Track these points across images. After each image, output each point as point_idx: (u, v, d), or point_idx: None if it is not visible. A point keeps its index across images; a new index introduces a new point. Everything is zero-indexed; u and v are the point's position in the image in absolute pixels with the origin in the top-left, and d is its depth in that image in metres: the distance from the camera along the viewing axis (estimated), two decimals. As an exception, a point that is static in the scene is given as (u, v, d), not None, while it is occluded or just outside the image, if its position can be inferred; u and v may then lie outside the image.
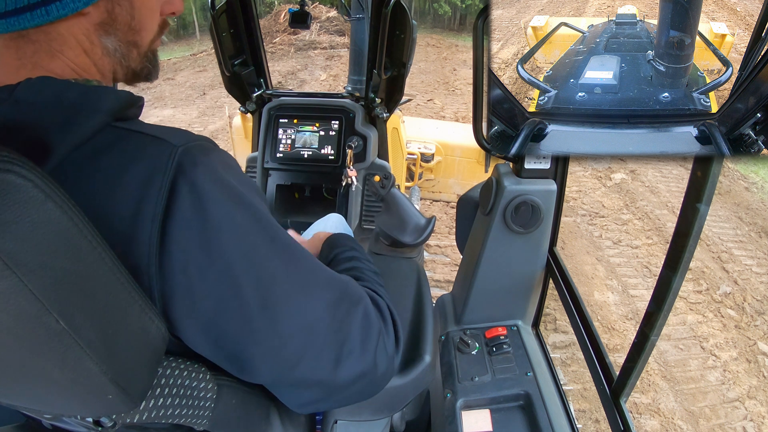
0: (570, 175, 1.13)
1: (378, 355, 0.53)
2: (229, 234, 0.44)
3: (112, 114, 0.44)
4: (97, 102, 0.44)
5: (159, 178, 0.41)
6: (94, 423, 0.47)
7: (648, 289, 2.83)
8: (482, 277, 1.13)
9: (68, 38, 0.47)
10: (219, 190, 0.44)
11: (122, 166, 0.41)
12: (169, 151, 0.42)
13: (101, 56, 0.50)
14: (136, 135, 0.44)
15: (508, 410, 0.97)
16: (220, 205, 0.43)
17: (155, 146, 0.43)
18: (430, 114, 6.06)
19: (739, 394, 2.18)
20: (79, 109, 0.43)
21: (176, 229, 0.42)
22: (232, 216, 0.44)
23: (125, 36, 0.51)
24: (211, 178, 0.43)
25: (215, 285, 0.44)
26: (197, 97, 7.10)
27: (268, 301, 0.46)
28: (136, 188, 0.41)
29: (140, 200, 0.41)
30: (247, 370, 0.50)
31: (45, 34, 0.46)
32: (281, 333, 0.47)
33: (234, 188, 0.45)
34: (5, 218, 0.31)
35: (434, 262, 2.96)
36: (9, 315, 0.32)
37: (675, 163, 4.10)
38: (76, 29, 0.47)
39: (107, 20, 0.49)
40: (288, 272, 0.48)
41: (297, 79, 8.11)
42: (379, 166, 1.93)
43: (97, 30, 0.49)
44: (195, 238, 0.42)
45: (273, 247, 0.47)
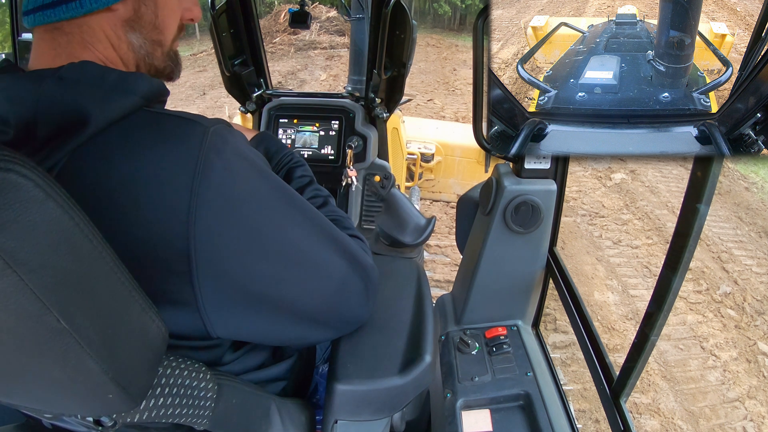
0: (570, 175, 1.13)
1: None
2: (257, 203, 0.50)
3: (145, 98, 0.48)
4: (134, 85, 0.48)
5: (195, 153, 0.45)
6: (95, 422, 0.47)
7: (648, 289, 2.83)
8: (482, 277, 1.13)
9: (98, 31, 0.51)
10: (246, 164, 0.50)
11: (160, 141, 0.46)
12: (202, 130, 0.47)
13: (126, 51, 0.54)
14: (169, 116, 0.48)
15: (508, 410, 0.97)
16: (248, 178, 0.49)
17: (189, 126, 0.47)
18: (430, 114, 6.06)
19: (739, 394, 2.18)
20: (117, 89, 0.47)
21: (211, 199, 0.46)
22: (258, 186, 0.50)
23: (150, 34, 0.55)
24: (239, 155, 0.49)
25: (246, 244, 0.49)
26: (197, 97, 7.09)
27: (292, 256, 0.53)
28: (173, 161, 0.45)
29: (177, 173, 0.45)
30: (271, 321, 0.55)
31: (78, 27, 0.50)
32: (305, 279, 0.54)
33: (256, 162, 0.51)
34: (6, 217, 0.31)
35: (434, 262, 2.96)
36: (10, 314, 0.32)
37: (675, 163, 4.10)
38: (105, 23, 0.52)
39: (133, 17, 0.53)
40: (306, 230, 0.55)
41: (297, 79, 8.11)
42: (379, 166, 1.93)
43: (123, 26, 0.53)
44: (228, 207, 0.47)
45: (292, 210, 0.54)
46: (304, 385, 0.80)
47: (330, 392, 0.69)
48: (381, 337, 0.78)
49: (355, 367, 0.71)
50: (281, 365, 0.72)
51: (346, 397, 0.69)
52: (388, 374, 0.71)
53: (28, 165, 0.32)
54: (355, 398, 0.70)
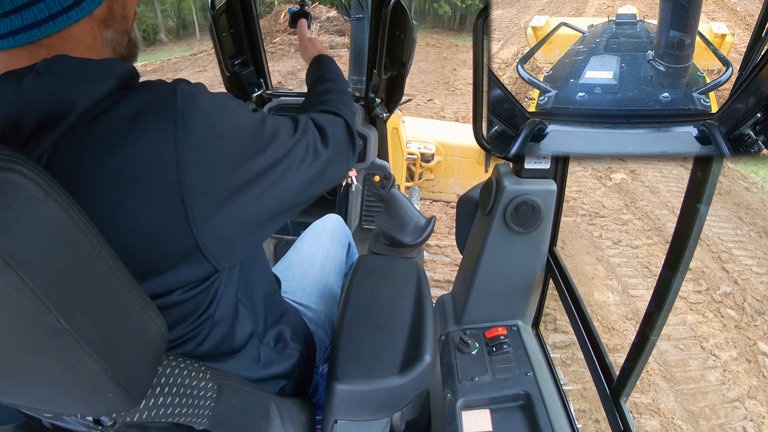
0: (570, 175, 1.13)
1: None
2: (237, 136, 0.52)
3: (121, 81, 0.49)
4: (109, 69, 0.49)
5: (171, 109, 0.47)
6: (95, 422, 0.47)
7: (648, 289, 2.83)
8: (482, 277, 1.13)
9: (77, 38, 0.52)
10: (219, 107, 0.52)
11: (138, 109, 0.47)
12: (173, 87, 0.49)
13: (101, 48, 0.55)
14: (140, 88, 0.50)
15: (508, 410, 0.97)
16: (222, 118, 0.51)
17: (159, 88, 0.49)
18: (430, 114, 6.06)
19: (739, 394, 2.18)
20: (95, 75, 0.48)
21: (195, 145, 0.48)
22: (234, 124, 0.52)
23: (120, 26, 0.57)
24: (210, 100, 0.51)
25: (236, 176, 0.51)
26: (197, 97, 7.08)
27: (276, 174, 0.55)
28: (153, 121, 0.46)
29: (161, 130, 0.46)
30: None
31: (57, 39, 0.50)
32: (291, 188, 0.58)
33: (225, 102, 0.53)
34: (6, 217, 0.31)
35: (434, 262, 2.96)
36: (9, 313, 0.32)
37: (675, 163, 4.10)
38: (85, 30, 0.52)
39: (108, 15, 0.54)
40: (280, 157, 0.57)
41: (297, 79, 8.10)
42: (379, 166, 1.93)
43: (100, 26, 0.54)
44: (211, 149, 0.49)
45: (270, 142, 0.56)
46: (304, 384, 0.80)
47: (330, 392, 0.69)
48: (381, 337, 0.78)
49: (354, 366, 0.71)
50: (281, 365, 0.72)
51: (346, 396, 0.69)
52: (388, 374, 0.71)
53: (28, 164, 0.32)
54: (354, 398, 0.70)
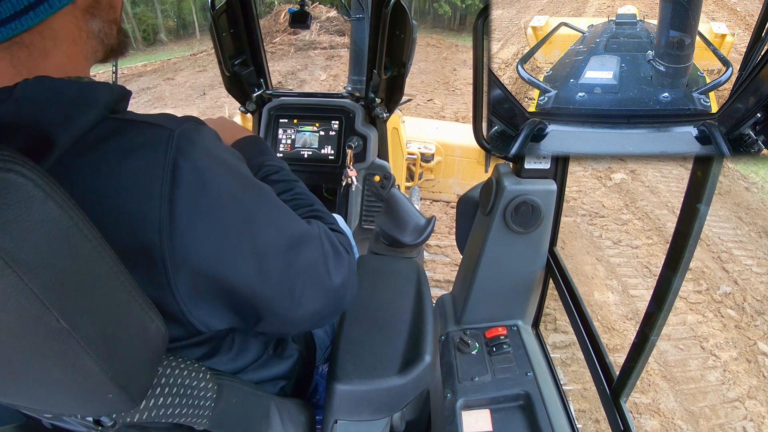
0: (570, 175, 1.13)
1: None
2: (228, 200, 0.49)
3: (107, 107, 0.46)
4: (93, 96, 0.46)
5: (162, 159, 0.44)
6: (95, 422, 0.47)
7: (648, 289, 2.83)
8: (482, 277, 1.13)
9: (60, 31, 0.49)
10: (214, 163, 0.49)
11: (125, 151, 0.44)
12: (167, 134, 0.46)
13: (87, 40, 0.52)
14: (133, 123, 0.47)
15: (508, 410, 0.97)
16: (218, 177, 0.48)
17: (153, 131, 0.46)
18: (430, 114, 6.06)
19: (739, 394, 2.18)
20: (77, 104, 0.45)
21: (182, 203, 0.45)
22: (228, 185, 0.49)
23: (107, 15, 0.54)
24: (207, 155, 0.48)
25: (221, 242, 0.48)
26: (197, 97, 7.09)
27: (266, 248, 0.52)
28: (141, 170, 0.44)
29: (147, 181, 0.44)
30: (252, 313, 0.54)
31: (39, 34, 0.47)
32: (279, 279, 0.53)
33: (225, 159, 0.51)
34: (6, 217, 0.31)
35: (434, 262, 2.96)
36: (9, 314, 0.32)
37: (675, 163, 4.10)
38: (68, 20, 0.49)
39: (92, 3, 0.51)
40: (278, 228, 0.54)
41: (297, 79, 8.11)
42: (379, 166, 1.93)
43: (84, 16, 0.51)
44: (200, 209, 0.46)
45: (261, 202, 0.53)
46: (304, 385, 0.80)
47: (330, 392, 0.69)
48: (381, 337, 0.78)
49: (354, 367, 0.71)
50: (281, 365, 0.72)
51: (346, 397, 0.69)
52: (388, 374, 0.71)
53: (28, 165, 0.32)
54: (354, 398, 0.70)
